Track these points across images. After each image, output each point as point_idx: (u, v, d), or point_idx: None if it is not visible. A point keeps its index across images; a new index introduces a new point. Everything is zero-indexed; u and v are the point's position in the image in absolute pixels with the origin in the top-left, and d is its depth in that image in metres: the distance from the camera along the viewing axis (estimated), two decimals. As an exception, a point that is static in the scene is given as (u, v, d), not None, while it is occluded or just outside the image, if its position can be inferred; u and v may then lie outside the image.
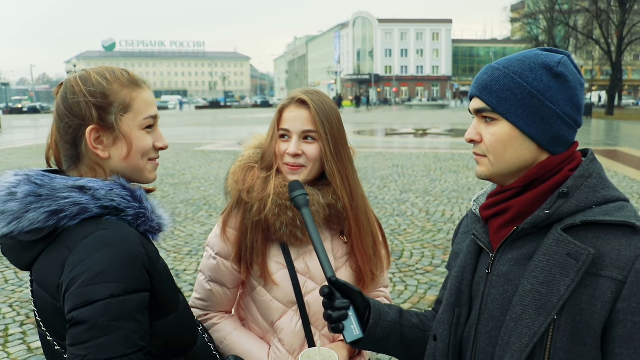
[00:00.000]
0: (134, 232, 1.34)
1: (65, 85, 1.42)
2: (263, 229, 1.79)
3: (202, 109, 79.14)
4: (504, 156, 1.31)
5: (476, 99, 1.35)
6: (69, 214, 1.29)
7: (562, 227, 1.24)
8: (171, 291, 1.43)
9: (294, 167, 1.79)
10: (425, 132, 27.45)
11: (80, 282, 1.20)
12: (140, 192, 1.43)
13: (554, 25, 48.73)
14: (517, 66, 1.30)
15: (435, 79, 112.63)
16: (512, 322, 1.24)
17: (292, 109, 1.80)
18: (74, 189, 1.31)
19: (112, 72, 1.44)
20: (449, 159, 16.02)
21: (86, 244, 1.26)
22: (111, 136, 1.40)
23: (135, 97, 1.43)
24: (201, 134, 28.67)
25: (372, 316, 1.49)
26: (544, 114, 1.27)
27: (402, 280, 5.99)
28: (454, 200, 10.16)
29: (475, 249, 1.44)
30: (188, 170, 14.29)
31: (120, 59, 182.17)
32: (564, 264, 1.20)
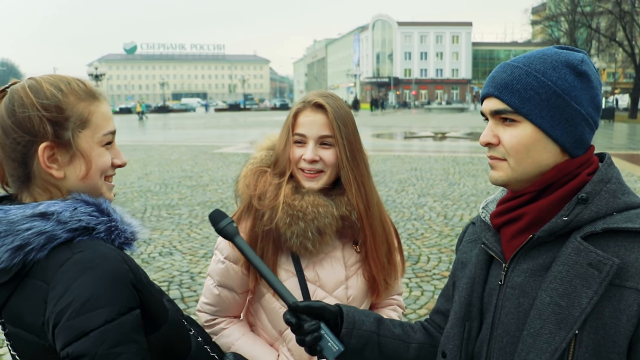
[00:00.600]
0: (111, 249, 1.24)
1: (11, 96, 1.26)
2: (274, 237, 1.74)
3: (221, 112, 79.59)
4: (526, 160, 1.23)
5: (493, 99, 1.26)
6: (36, 246, 1.17)
7: (582, 235, 1.16)
8: (159, 304, 1.35)
9: (312, 174, 1.74)
10: (444, 135, 27.27)
11: (68, 315, 1.11)
12: (106, 203, 1.31)
13: (576, 27, 48.12)
14: (539, 64, 1.22)
15: (455, 82, 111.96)
16: (530, 337, 1.16)
17: (308, 113, 1.74)
18: (34, 217, 1.19)
19: (67, 82, 1.30)
20: (467, 162, 15.87)
21: (65, 273, 1.15)
22: (67, 154, 1.27)
23: (93, 111, 1.30)
24: (220, 136, 28.78)
25: (345, 325, 1.42)
26: (569, 115, 1.20)
27: (419, 285, 5.91)
28: (472, 204, 10.04)
29: (485, 258, 1.35)
30: (206, 172, 14.33)
31: (142, 62, 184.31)
32: (585, 274, 1.12)
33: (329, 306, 1.41)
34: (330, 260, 1.80)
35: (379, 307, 2.00)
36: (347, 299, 1.81)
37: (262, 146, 1.91)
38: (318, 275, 1.78)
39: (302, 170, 1.74)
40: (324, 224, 1.71)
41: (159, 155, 18.33)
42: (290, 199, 1.71)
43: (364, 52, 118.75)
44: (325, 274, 1.78)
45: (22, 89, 1.26)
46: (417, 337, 1.52)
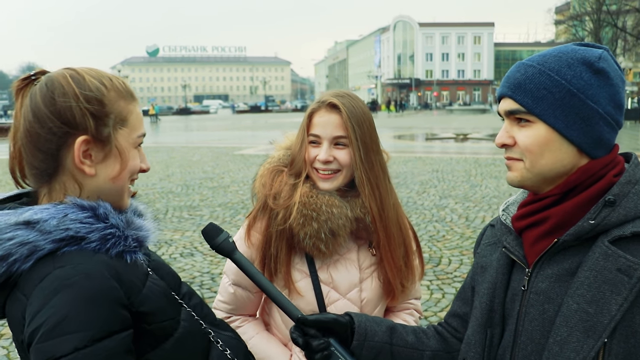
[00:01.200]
0: (101, 262, 1.13)
1: (50, 84, 1.19)
2: (287, 237, 1.73)
3: (243, 113, 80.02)
4: (540, 161, 1.19)
5: (507, 100, 1.23)
6: (19, 257, 1.09)
7: (610, 239, 1.12)
8: (166, 314, 1.24)
9: (327, 175, 1.73)
10: (465, 136, 27.06)
11: (39, 337, 1.02)
12: (104, 207, 1.20)
13: (601, 26, 47.43)
14: (554, 62, 1.18)
15: (477, 82, 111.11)
16: (556, 345, 1.12)
17: (323, 114, 1.73)
18: (18, 225, 1.10)
19: (109, 78, 1.25)
20: (490, 164, 15.71)
21: (42, 289, 1.06)
22: (102, 151, 1.21)
23: (131, 111, 1.26)
24: (241, 137, 28.91)
25: (356, 337, 1.39)
26: (585, 114, 1.15)
27: (440, 287, 5.86)
28: (494, 206, 9.92)
29: (506, 262, 1.31)
30: (227, 173, 14.39)
31: (164, 64, 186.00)
32: (614, 280, 1.08)
33: (339, 318, 1.38)
34: (345, 262, 1.79)
35: (394, 311, 1.98)
36: (361, 301, 1.80)
37: (281, 145, 1.91)
38: (332, 277, 1.77)
39: (317, 171, 1.74)
40: (338, 225, 1.70)
41: (181, 157, 18.47)
42: (305, 197, 1.70)
43: (385, 53, 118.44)
44: (339, 276, 1.77)
45: (63, 78, 1.19)
46: (430, 344, 1.49)
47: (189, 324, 1.32)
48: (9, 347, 4.63)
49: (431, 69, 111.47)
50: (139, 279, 1.20)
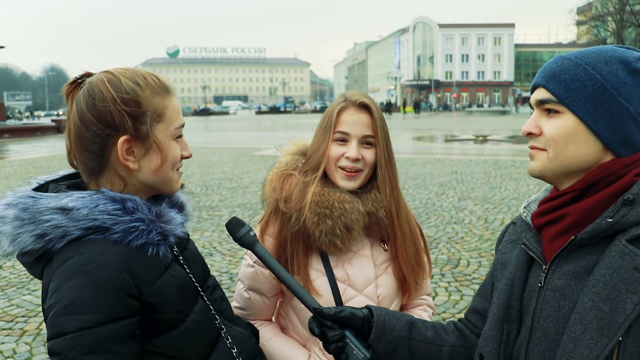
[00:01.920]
0: (117, 254, 1.24)
1: (91, 90, 1.31)
2: (303, 238, 1.76)
3: (262, 114, 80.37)
4: (565, 152, 1.20)
5: (540, 89, 1.24)
6: (54, 237, 1.23)
7: (627, 237, 1.12)
8: (175, 307, 1.33)
9: (352, 173, 1.75)
10: (485, 138, 26.88)
11: (53, 312, 1.17)
12: (134, 202, 1.31)
13: (624, 27, 46.76)
14: (591, 57, 1.20)
15: (497, 84, 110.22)
16: (570, 342, 1.12)
17: (352, 112, 1.76)
18: (56, 210, 1.24)
19: (143, 77, 1.35)
20: (509, 165, 15.60)
21: (62, 271, 1.21)
22: (143, 147, 1.33)
23: (167, 105, 1.36)
24: (260, 138, 29.02)
25: (374, 330, 1.40)
26: (615, 111, 1.16)
27: (458, 289, 5.84)
28: (513, 208, 9.86)
29: (525, 259, 1.32)
30: (246, 174, 14.47)
31: (184, 65, 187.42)
32: (630, 279, 1.08)
33: (357, 311, 1.40)
34: (359, 258, 1.81)
35: (409, 308, 2.00)
36: (377, 297, 1.82)
37: (288, 151, 1.95)
38: (347, 274, 1.79)
39: (342, 169, 1.76)
40: (351, 220, 1.73)
41: (200, 157, 18.60)
42: (317, 196, 1.73)
43: (404, 54, 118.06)
44: (354, 273, 1.79)
45: (102, 83, 1.30)
46: (449, 339, 1.50)
47: (200, 317, 1.39)
48: (32, 343, 4.72)
49: (451, 70, 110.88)
50: (154, 272, 1.29)
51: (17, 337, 4.85)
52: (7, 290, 6.03)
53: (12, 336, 4.86)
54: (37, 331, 4.95)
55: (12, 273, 6.61)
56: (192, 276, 1.42)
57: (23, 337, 4.85)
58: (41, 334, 4.88)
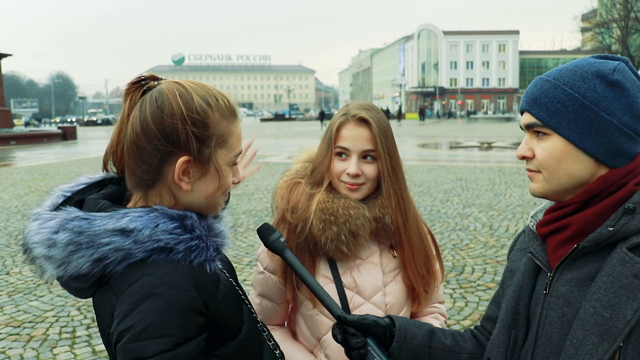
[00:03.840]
0: (184, 273, 1.22)
1: (161, 101, 1.24)
2: (310, 247, 1.77)
3: (267, 122, 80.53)
4: (558, 172, 1.23)
5: (526, 114, 1.28)
6: (114, 261, 1.18)
7: (628, 245, 1.15)
8: (234, 317, 1.34)
9: (354, 186, 1.77)
10: (490, 145, 26.87)
11: (127, 338, 1.13)
12: (192, 219, 1.27)
13: (629, 33, 46.71)
14: (568, 76, 1.22)
15: (502, 91, 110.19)
16: (572, 347, 1.15)
17: (351, 127, 1.76)
18: (115, 232, 1.19)
19: (215, 98, 1.29)
20: (514, 172, 15.59)
21: (130, 294, 1.16)
22: (200, 169, 1.27)
23: (232, 132, 1.31)
24: (265, 145, 29.07)
25: (396, 339, 1.43)
26: (599, 126, 1.18)
27: (463, 296, 5.85)
28: (518, 215, 9.86)
29: (532, 267, 1.35)
30: (251, 181, 14.50)
31: (189, 73, 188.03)
32: (630, 286, 1.11)
33: (379, 320, 1.42)
34: (368, 266, 1.82)
35: (420, 316, 2.00)
36: (385, 305, 1.82)
37: (299, 159, 1.96)
38: (355, 282, 1.80)
39: (345, 183, 1.77)
40: (356, 225, 1.73)
41: (206, 164, 18.60)
42: (322, 204, 1.74)
43: (409, 61, 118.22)
44: (362, 280, 1.80)
45: (173, 96, 1.24)
46: (467, 347, 1.52)
47: (250, 323, 1.39)
48: (39, 348, 4.75)
49: (455, 77, 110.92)
50: (214, 286, 1.27)
51: (24, 342, 4.88)
52: (15, 296, 6.07)
53: (20, 342, 4.90)
54: (44, 337, 4.99)
55: (19, 279, 6.66)
56: (233, 281, 1.41)
57: (30, 342, 4.88)
58: (48, 339, 4.92)
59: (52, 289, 6.26)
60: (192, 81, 1.31)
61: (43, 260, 1.22)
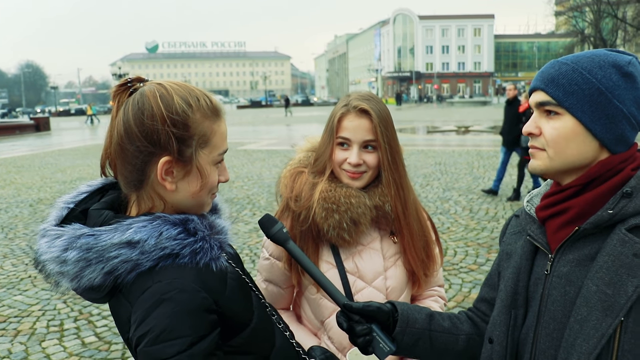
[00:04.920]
0: (192, 275, 1.27)
1: (141, 102, 1.28)
2: (313, 235, 1.83)
3: (243, 109, 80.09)
4: (565, 151, 1.29)
5: (539, 92, 1.33)
6: (124, 272, 1.24)
7: (627, 227, 1.21)
8: (243, 307, 1.39)
9: (355, 174, 1.82)
10: (467, 129, 27.11)
11: (146, 342, 1.19)
12: (194, 222, 1.32)
13: (601, 17, 47.30)
14: (586, 62, 1.28)
15: (477, 75, 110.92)
16: (576, 323, 1.21)
17: (353, 118, 1.80)
18: (121, 245, 1.23)
19: (196, 98, 1.32)
20: (492, 156, 15.78)
21: (144, 301, 1.22)
22: (183, 169, 1.30)
23: (215, 131, 1.34)
24: (243, 133, 28.96)
25: (399, 324, 1.48)
26: (610, 112, 1.25)
27: (446, 278, 5.95)
28: (497, 198, 10.02)
29: (530, 249, 1.41)
30: (231, 169, 14.46)
31: (163, 60, 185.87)
32: (630, 264, 1.17)
33: (382, 306, 1.47)
34: (369, 251, 1.88)
35: (420, 299, 2.06)
36: (386, 289, 1.88)
37: (302, 148, 2.01)
38: (357, 267, 1.85)
39: (347, 172, 1.82)
40: (357, 213, 1.79)
41: (184, 153, 18.49)
42: (325, 193, 1.79)
43: (385, 46, 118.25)
44: (364, 265, 1.86)
45: (154, 97, 1.27)
46: (464, 328, 1.58)
47: (259, 310, 1.44)
48: (27, 342, 4.73)
49: (431, 62, 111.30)
50: (221, 283, 1.32)
51: (11, 337, 4.86)
52: (-2, 291, 6.02)
53: (7, 336, 4.87)
54: (31, 331, 4.97)
55: (1, 274, 6.60)
56: (239, 271, 1.45)
57: (17, 337, 4.86)
58: (35, 334, 4.90)
59: (36, 283, 6.22)
60: (175, 82, 1.34)
61: (57, 275, 1.27)
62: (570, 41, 53.11)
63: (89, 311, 5.40)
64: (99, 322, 5.16)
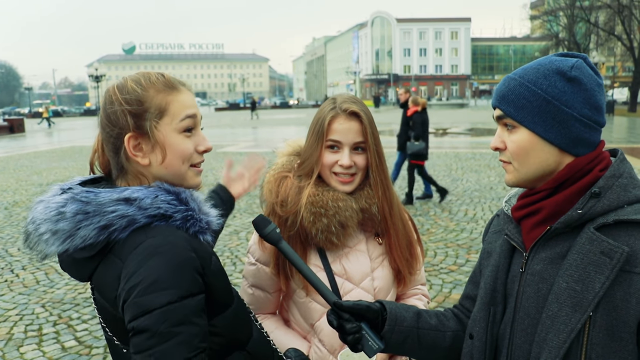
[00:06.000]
0: (183, 236, 1.33)
1: (105, 95, 1.42)
2: (301, 239, 1.84)
3: (222, 111, 79.68)
4: (528, 161, 1.35)
5: (497, 109, 1.40)
6: (119, 227, 1.29)
7: (595, 226, 1.26)
8: (225, 287, 1.45)
9: (346, 179, 1.83)
10: (445, 131, 27.33)
11: (136, 293, 1.21)
12: (186, 193, 1.40)
13: (575, 22, 48.16)
14: (532, 74, 1.34)
15: (454, 77, 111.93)
16: (548, 319, 1.27)
17: (343, 121, 1.81)
18: (119, 201, 1.30)
19: (148, 77, 1.42)
20: (469, 158, 15.95)
21: (137, 254, 1.26)
22: (149, 143, 1.38)
23: (171, 101, 1.40)
24: (221, 135, 28.83)
25: (388, 323, 1.51)
26: (561, 118, 1.31)
27: (427, 279, 6.01)
28: (476, 199, 10.13)
29: (508, 248, 1.47)
30: (210, 171, 14.42)
31: (140, 62, 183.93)
32: (598, 262, 1.23)
33: (372, 305, 1.50)
34: (356, 253, 1.90)
35: (405, 298, 2.09)
36: (374, 289, 1.90)
37: (284, 152, 2.01)
38: (345, 269, 1.87)
39: (336, 175, 1.83)
40: (345, 217, 1.81)
41: (163, 156, 18.35)
42: (312, 197, 1.81)
43: (363, 49, 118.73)
44: (351, 267, 1.88)
45: (112, 88, 1.41)
46: (450, 325, 1.62)
47: (240, 302, 1.53)
48: (4, 348, 4.67)
49: (409, 64, 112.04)
50: (207, 255, 1.38)
51: (-11, 342, 4.79)
52: (-26, 295, 5.93)
53: (-16, 341, 4.80)
54: (8, 336, 4.91)
55: (-22, 278, 6.50)
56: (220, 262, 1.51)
57: None
58: (13, 339, 4.84)
59: (12, 287, 6.15)
60: (136, 72, 1.47)
61: (49, 235, 1.30)
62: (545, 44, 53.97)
63: (68, 315, 5.36)
64: (79, 326, 5.12)
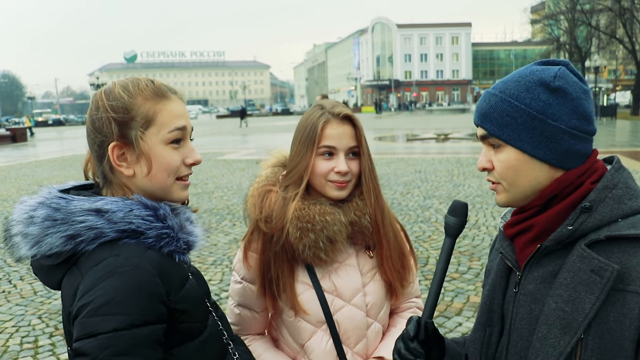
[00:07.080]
0: (151, 258, 1.25)
1: (92, 100, 1.36)
2: (288, 256, 1.75)
3: (223, 118, 79.79)
4: (517, 181, 1.27)
5: (479, 127, 1.31)
6: (86, 239, 1.23)
7: (586, 242, 1.19)
8: (196, 316, 1.35)
9: (342, 184, 1.76)
10: (446, 136, 27.29)
11: (85, 312, 1.14)
12: (165, 209, 1.33)
13: (576, 25, 48.13)
14: (513, 88, 1.25)
15: (456, 82, 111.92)
16: (537, 341, 1.20)
17: (336, 125, 1.74)
18: (90, 212, 1.24)
19: (136, 84, 1.35)
20: (471, 163, 15.87)
21: (96, 271, 1.19)
22: (134, 153, 1.31)
23: (159, 110, 1.33)
24: (222, 143, 28.81)
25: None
26: (549, 133, 1.22)
27: (428, 287, 5.91)
28: (478, 205, 10.06)
29: (504, 267, 1.40)
30: (210, 179, 14.37)
31: (142, 70, 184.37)
32: (587, 281, 1.15)
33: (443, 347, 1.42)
34: (346, 268, 1.81)
35: (398, 312, 2.02)
36: (366, 305, 1.82)
37: (268, 164, 1.93)
38: (335, 285, 1.79)
39: (334, 182, 1.75)
40: (334, 231, 1.72)
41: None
42: (298, 211, 1.72)
43: (364, 55, 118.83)
44: (341, 283, 1.79)
45: (100, 94, 1.35)
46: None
47: (214, 330, 1.42)
48: None
49: (410, 70, 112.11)
50: (180, 279, 1.31)
51: (-17, 355, 4.73)
52: (-29, 308, 5.86)
53: (-21, 355, 4.74)
54: (3, 348, 4.85)
55: (-25, 289, 6.44)
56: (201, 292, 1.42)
57: None
58: (8, 351, 4.78)
59: (9, 298, 6.09)
60: (126, 78, 1.40)
61: (20, 238, 1.26)
62: (547, 48, 53.98)
63: (64, 327, 5.26)
64: (75, 338, 5.02)
